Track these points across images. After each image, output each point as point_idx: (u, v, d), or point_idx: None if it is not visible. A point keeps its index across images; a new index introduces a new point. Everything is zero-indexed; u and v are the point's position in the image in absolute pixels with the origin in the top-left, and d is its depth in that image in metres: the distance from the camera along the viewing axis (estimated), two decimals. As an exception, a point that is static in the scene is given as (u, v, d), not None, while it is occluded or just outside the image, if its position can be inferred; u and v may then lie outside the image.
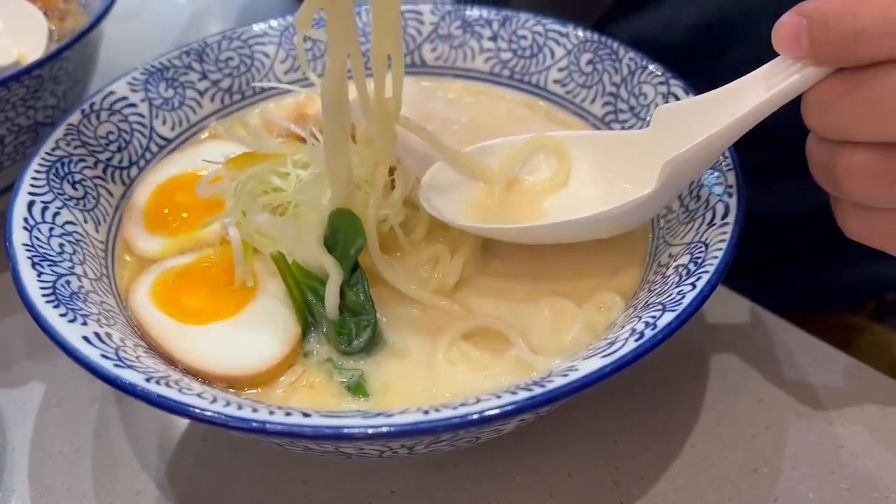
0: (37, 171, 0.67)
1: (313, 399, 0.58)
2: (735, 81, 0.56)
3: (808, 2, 0.50)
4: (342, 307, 0.62)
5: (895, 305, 1.10)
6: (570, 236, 0.66)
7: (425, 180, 0.67)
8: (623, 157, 0.65)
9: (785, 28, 0.50)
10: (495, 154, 0.70)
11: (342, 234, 0.64)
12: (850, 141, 0.51)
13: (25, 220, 0.62)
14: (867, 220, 0.54)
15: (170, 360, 0.59)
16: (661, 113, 0.62)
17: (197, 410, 0.48)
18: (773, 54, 0.53)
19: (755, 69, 0.55)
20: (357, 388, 0.59)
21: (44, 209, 0.64)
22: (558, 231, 0.65)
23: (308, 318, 0.62)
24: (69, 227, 0.65)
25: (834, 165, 0.52)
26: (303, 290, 0.63)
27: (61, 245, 0.62)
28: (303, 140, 0.70)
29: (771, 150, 0.74)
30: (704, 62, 0.73)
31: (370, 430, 0.47)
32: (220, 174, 0.68)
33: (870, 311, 1.10)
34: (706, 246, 0.58)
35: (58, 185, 0.67)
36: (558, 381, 0.49)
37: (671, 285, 0.57)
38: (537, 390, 0.48)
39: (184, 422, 0.72)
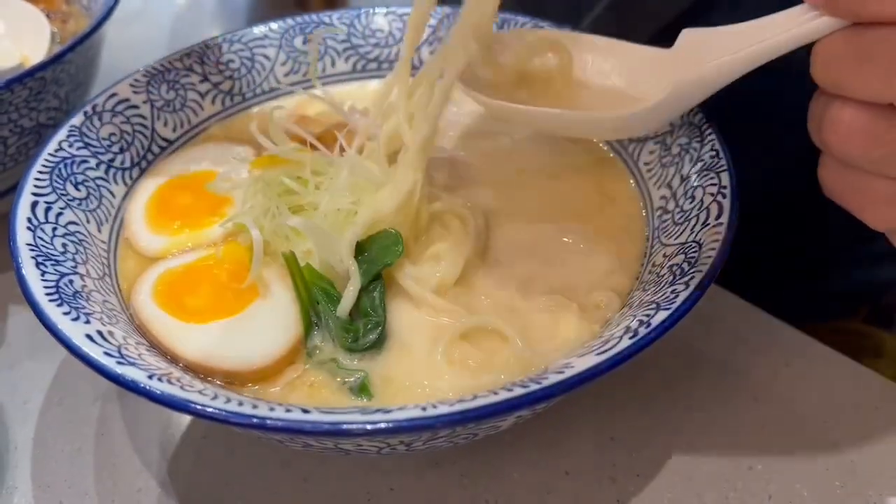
0: (40, 172, 0.67)
1: (314, 397, 0.59)
2: (759, 19, 0.57)
3: None
4: (352, 308, 0.63)
5: (888, 309, 1.11)
6: (575, 129, 0.69)
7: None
8: (642, 69, 0.67)
9: None
10: (508, 46, 0.73)
11: (377, 247, 0.65)
12: (843, 96, 0.51)
13: (29, 220, 0.63)
14: (844, 178, 0.54)
15: (171, 358, 0.59)
16: (686, 35, 0.63)
17: (198, 406, 0.49)
18: None
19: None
20: (361, 389, 0.59)
21: (47, 209, 0.65)
22: (565, 121, 0.67)
23: (313, 318, 0.63)
24: (72, 227, 0.66)
25: (823, 117, 0.52)
26: (310, 291, 0.63)
27: (64, 245, 0.63)
28: (303, 142, 0.71)
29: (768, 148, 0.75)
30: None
31: (369, 427, 0.47)
32: (229, 176, 0.70)
33: (863, 315, 1.11)
34: (700, 246, 0.59)
35: (61, 186, 0.68)
36: (554, 378, 0.50)
37: (665, 284, 0.58)
38: (533, 387, 0.49)
39: (185, 420, 0.72)
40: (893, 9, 0.47)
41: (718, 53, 0.57)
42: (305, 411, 0.49)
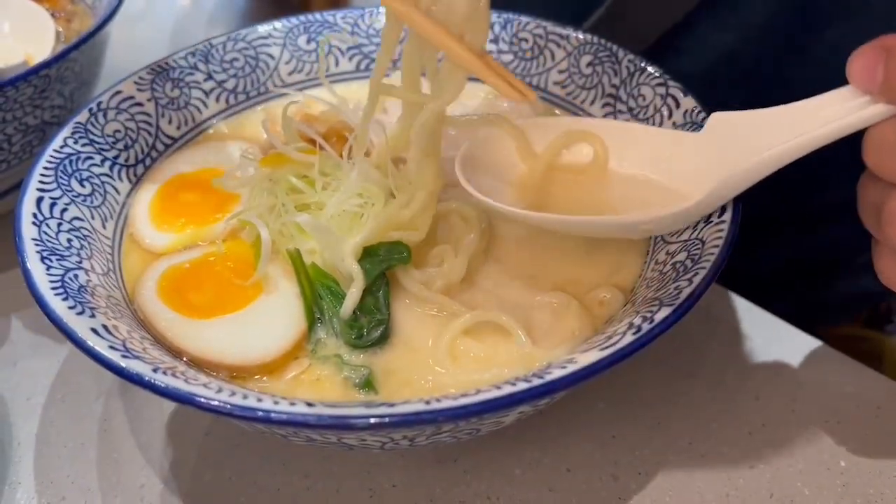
0: (45, 168, 0.68)
1: (318, 392, 0.59)
2: (798, 102, 0.54)
3: (889, 35, 0.48)
4: (356, 306, 0.63)
5: (888, 313, 1.11)
6: (603, 232, 0.66)
7: (461, 157, 0.67)
8: (671, 157, 0.64)
9: (862, 58, 0.49)
10: (538, 134, 0.69)
11: (383, 250, 0.65)
12: None
13: (34, 215, 0.63)
14: None
15: (175, 353, 0.60)
16: (717, 119, 0.61)
17: (203, 400, 0.49)
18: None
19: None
20: (366, 384, 0.60)
21: (52, 205, 0.65)
22: (593, 226, 0.65)
23: (316, 314, 0.63)
24: (77, 223, 0.66)
25: (882, 207, 0.50)
26: (314, 288, 0.64)
27: (69, 240, 0.63)
28: (312, 142, 0.72)
29: None
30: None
31: (373, 420, 0.48)
32: (236, 173, 0.71)
33: (861, 319, 1.11)
34: (703, 243, 0.59)
35: (66, 182, 0.68)
36: (557, 373, 0.50)
37: (668, 281, 0.58)
38: (536, 381, 0.49)
39: (188, 416, 0.72)
40: None
41: (762, 144, 0.53)
42: (310, 405, 0.49)
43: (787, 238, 1.05)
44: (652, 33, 0.92)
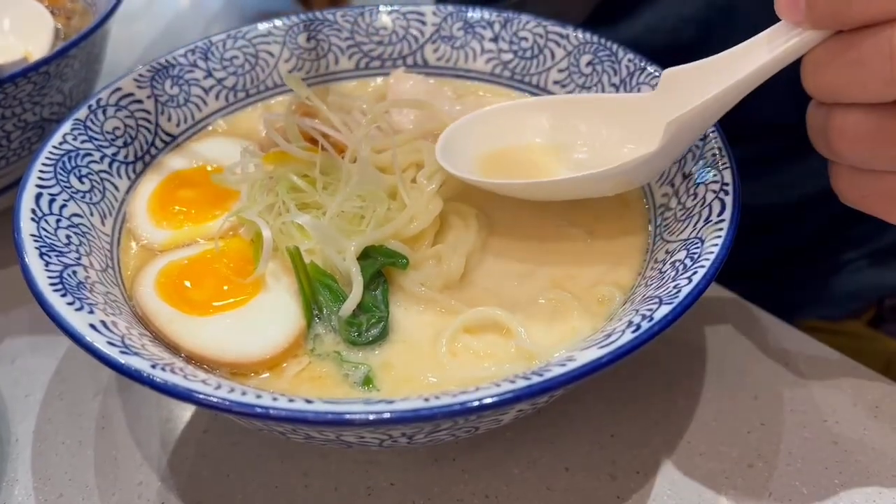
0: (44, 165, 0.68)
1: (318, 389, 0.59)
2: (738, 45, 0.57)
3: None
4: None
5: (893, 310, 1.11)
6: (576, 192, 0.68)
7: (441, 140, 0.70)
8: (630, 119, 0.67)
9: None
10: (500, 118, 0.73)
11: (382, 253, 0.66)
12: (843, 102, 0.52)
13: (33, 211, 0.63)
14: (860, 183, 0.55)
15: (173, 349, 0.60)
16: (668, 75, 0.63)
17: (201, 396, 0.49)
18: None
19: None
20: (366, 382, 0.60)
21: (51, 201, 0.65)
22: (564, 187, 0.67)
23: (315, 311, 0.63)
24: (76, 220, 0.66)
25: (828, 127, 0.53)
26: (314, 286, 0.64)
27: (68, 236, 0.63)
28: (314, 141, 0.72)
29: (762, 141, 0.76)
30: (688, 61, 0.75)
31: (371, 417, 0.48)
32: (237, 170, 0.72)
33: (868, 317, 1.11)
34: (702, 242, 0.59)
35: (65, 179, 0.68)
36: (556, 371, 0.50)
37: (668, 279, 0.58)
38: (535, 379, 0.49)
39: (186, 414, 0.72)
40: (878, 8, 0.47)
41: (707, 87, 0.57)
42: (308, 401, 0.49)
43: (785, 231, 1.05)
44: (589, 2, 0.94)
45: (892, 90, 0.49)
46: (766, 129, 0.58)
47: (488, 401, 0.48)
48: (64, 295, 0.56)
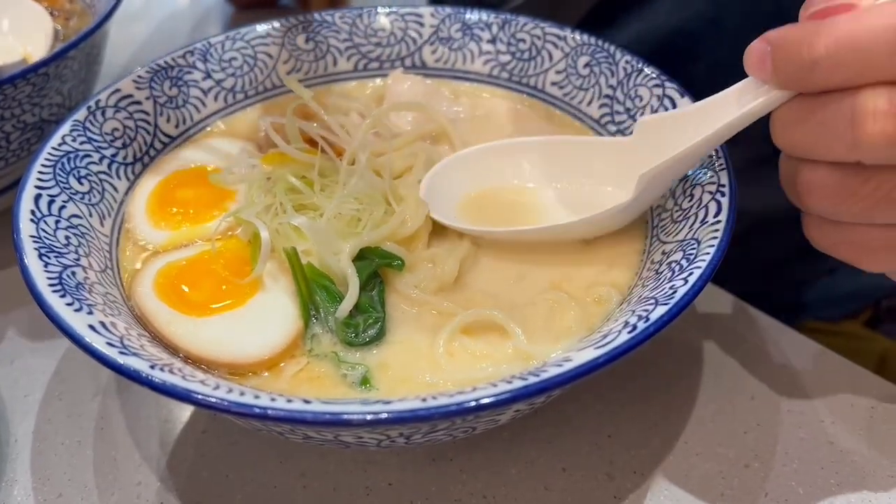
0: (43, 166, 0.68)
1: (315, 390, 0.59)
2: (711, 97, 0.60)
3: (774, 29, 0.53)
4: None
5: (890, 311, 1.11)
6: (557, 238, 0.69)
7: (424, 184, 0.71)
8: (607, 162, 0.70)
9: (752, 52, 0.54)
10: (481, 160, 0.74)
11: (379, 255, 0.66)
12: (810, 159, 0.53)
13: (32, 212, 0.63)
14: (830, 232, 0.57)
15: (172, 350, 0.60)
16: (643, 123, 0.66)
17: (200, 396, 0.49)
18: (740, 58, 0.56)
19: (725, 78, 0.58)
20: (363, 382, 0.60)
21: (50, 202, 0.65)
22: (546, 234, 0.68)
23: (312, 312, 0.64)
24: (75, 221, 0.66)
25: (797, 181, 0.55)
26: (311, 287, 0.64)
27: (67, 237, 0.64)
28: (314, 143, 0.72)
29: (757, 144, 0.76)
30: (676, 71, 0.76)
31: (369, 417, 0.48)
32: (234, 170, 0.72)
33: (865, 318, 1.11)
34: (698, 243, 0.60)
35: (64, 180, 0.68)
36: (553, 371, 0.50)
37: (664, 280, 0.58)
38: (532, 379, 0.49)
39: (185, 414, 0.73)
40: (841, 77, 0.49)
41: (679, 140, 0.60)
42: (307, 402, 0.49)
43: (780, 235, 1.05)
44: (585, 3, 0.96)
45: (854, 153, 0.50)
46: (761, 133, 0.58)
47: (485, 401, 0.48)
48: (63, 296, 0.56)
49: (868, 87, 0.48)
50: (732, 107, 0.57)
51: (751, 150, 0.69)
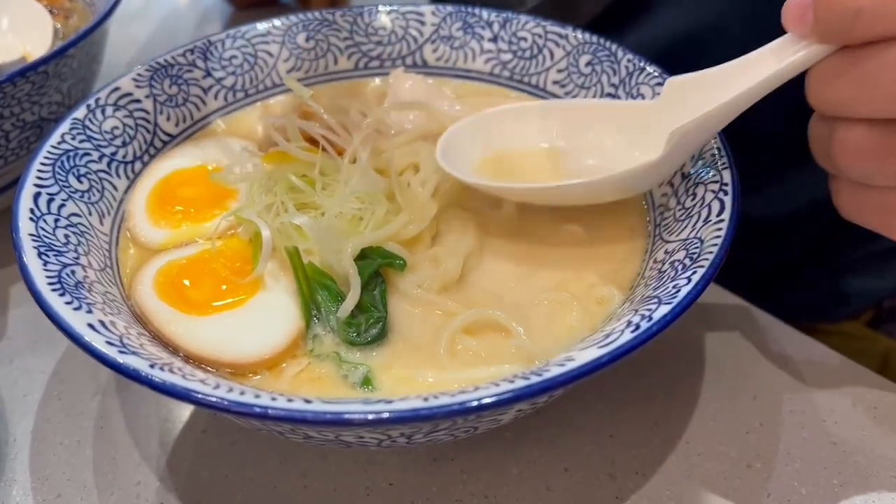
0: (43, 164, 0.67)
1: (317, 390, 0.59)
2: (744, 56, 0.58)
3: None
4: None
5: (892, 312, 1.11)
6: (576, 198, 0.68)
7: (440, 145, 0.71)
8: (633, 126, 0.68)
9: (792, 6, 0.52)
10: (502, 120, 0.73)
11: (380, 254, 0.66)
12: (847, 117, 0.52)
13: (31, 210, 0.63)
14: (860, 197, 0.55)
15: (172, 349, 0.60)
16: (672, 84, 0.64)
17: (200, 396, 0.49)
18: None
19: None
20: (365, 382, 0.60)
21: (49, 201, 0.65)
22: (568, 192, 0.67)
23: (314, 312, 0.63)
24: (74, 219, 0.66)
25: (831, 141, 0.53)
26: (312, 286, 0.64)
27: (66, 236, 0.63)
28: (314, 142, 0.72)
29: (754, 153, 0.76)
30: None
31: (370, 416, 0.47)
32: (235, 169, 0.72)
33: (866, 318, 1.11)
34: (702, 242, 0.59)
35: (63, 178, 0.68)
36: (555, 371, 0.50)
37: (667, 279, 0.58)
38: (534, 379, 0.49)
39: (184, 414, 0.72)
40: (884, 27, 0.48)
41: (712, 97, 0.58)
42: (307, 401, 0.49)
43: (781, 242, 1.05)
44: (594, 9, 0.95)
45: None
46: (756, 140, 0.58)
47: (487, 401, 0.48)
48: (62, 294, 0.56)
49: None
50: (769, 62, 0.55)
51: (751, 159, 0.69)
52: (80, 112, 0.73)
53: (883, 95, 0.49)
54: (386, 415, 0.47)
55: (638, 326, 0.52)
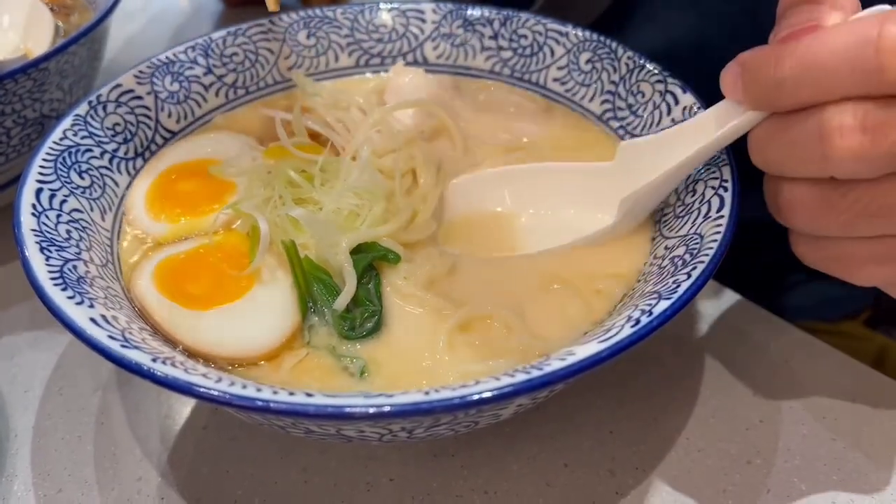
0: (45, 160, 0.68)
1: (316, 381, 0.59)
2: (689, 120, 0.62)
3: (746, 51, 0.55)
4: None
5: (890, 311, 1.11)
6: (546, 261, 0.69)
7: None
8: (593, 187, 0.70)
9: (727, 74, 0.56)
10: (471, 190, 0.74)
11: (374, 249, 0.66)
12: (788, 177, 0.55)
13: (34, 206, 0.63)
14: (816, 248, 0.58)
15: (172, 343, 0.60)
16: (624, 147, 0.67)
17: (202, 389, 0.49)
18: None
19: (708, 101, 0.60)
20: (362, 375, 0.60)
21: (51, 196, 0.65)
22: (535, 259, 0.68)
23: (310, 305, 0.64)
24: (76, 215, 0.66)
25: (777, 199, 0.56)
26: (309, 280, 0.64)
27: (68, 231, 0.63)
28: (317, 136, 0.72)
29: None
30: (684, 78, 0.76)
31: (371, 410, 0.48)
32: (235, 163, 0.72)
33: (864, 318, 1.11)
34: (701, 238, 0.59)
35: (65, 174, 0.68)
36: (555, 365, 0.50)
37: (667, 275, 0.58)
38: (535, 373, 0.49)
39: (185, 409, 0.72)
40: (807, 94, 0.50)
41: (658, 163, 0.61)
42: (309, 395, 0.49)
43: (778, 246, 1.05)
44: (599, 7, 0.97)
45: (826, 169, 0.51)
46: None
47: (488, 395, 0.48)
48: (64, 289, 0.56)
49: (833, 104, 0.49)
50: (710, 128, 0.58)
51: (746, 160, 0.69)
52: (82, 108, 0.73)
53: (812, 159, 0.51)
54: (387, 408, 0.47)
55: (638, 321, 0.52)
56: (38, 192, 0.65)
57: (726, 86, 0.56)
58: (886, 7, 0.50)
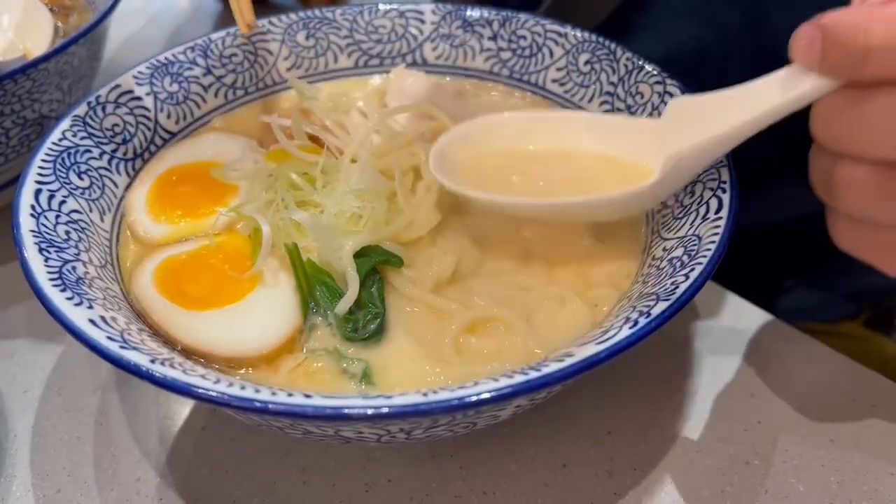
0: (43, 161, 0.68)
1: (315, 384, 0.59)
2: (750, 82, 0.56)
3: (827, 13, 0.49)
4: None
5: (889, 313, 1.11)
6: (568, 216, 0.67)
7: (435, 150, 0.69)
8: (632, 143, 0.66)
9: (802, 37, 0.50)
10: (502, 128, 0.71)
11: (378, 252, 0.66)
12: (850, 155, 0.50)
13: (32, 207, 0.63)
14: (858, 232, 0.54)
15: (171, 344, 0.60)
16: (675, 104, 0.62)
17: (201, 391, 0.49)
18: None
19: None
20: (363, 377, 0.60)
21: (50, 197, 0.65)
22: (557, 210, 0.66)
23: (312, 307, 0.64)
24: (75, 216, 0.66)
25: (833, 176, 0.51)
26: (311, 283, 0.64)
27: (67, 232, 0.63)
28: (317, 140, 0.72)
29: (748, 161, 0.76)
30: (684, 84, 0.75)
31: (370, 411, 0.48)
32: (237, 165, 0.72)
33: (864, 318, 1.11)
34: (699, 239, 0.60)
35: (64, 175, 0.68)
36: (554, 366, 0.50)
37: (665, 276, 0.58)
38: (533, 374, 0.49)
39: (184, 410, 0.72)
40: (891, 69, 0.46)
41: (714, 124, 0.56)
42: (307, 396, 0.49)
43: (777, 250, 1.05)
44: (601, 13, 0.95)
45: None
46: (751, 153, 0.58)
47: (486, 396, 0.48)
48: (63, 290, 0.56)
49: None
50: (774, 93, 0.53)
51: (744, 163, 0.68)
52: (81, 109, 0.74)
53: (889, 140, 0.48)
54: (385, 410, 0.48)
55: (636, 322, 0.53)
56: (37, 192, 0.65)
57: (799, 49, 0.50)
58: None
